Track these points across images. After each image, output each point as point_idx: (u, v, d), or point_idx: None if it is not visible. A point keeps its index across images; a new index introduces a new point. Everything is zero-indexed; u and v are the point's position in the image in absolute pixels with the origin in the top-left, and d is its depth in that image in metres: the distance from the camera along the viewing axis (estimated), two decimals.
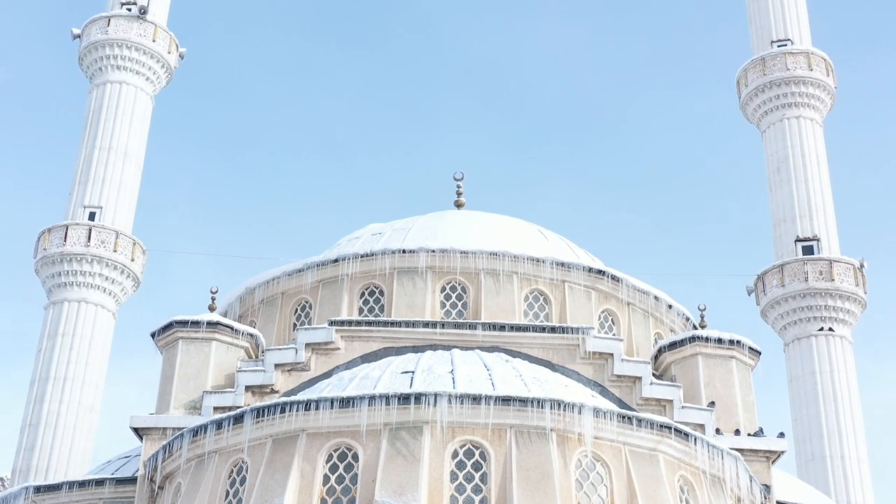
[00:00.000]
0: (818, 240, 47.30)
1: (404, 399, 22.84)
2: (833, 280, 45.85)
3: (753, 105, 50.94)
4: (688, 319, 33.25)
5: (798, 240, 47.45)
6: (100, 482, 28.09)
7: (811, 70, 50.11)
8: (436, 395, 22.74)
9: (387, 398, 22.88)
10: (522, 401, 22.86)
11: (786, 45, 51.21)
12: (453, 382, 24.72)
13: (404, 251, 30.44)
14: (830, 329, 45.74)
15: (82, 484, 28.22)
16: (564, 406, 22.94)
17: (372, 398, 22.95)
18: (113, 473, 29.44)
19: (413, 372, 25.63)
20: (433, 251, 30.34)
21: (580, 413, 22.97)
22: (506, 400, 22.84)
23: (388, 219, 35.01)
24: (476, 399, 22.77)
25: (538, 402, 22.88)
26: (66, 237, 45.48)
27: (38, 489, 28.54)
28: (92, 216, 46.47)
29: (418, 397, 22.78)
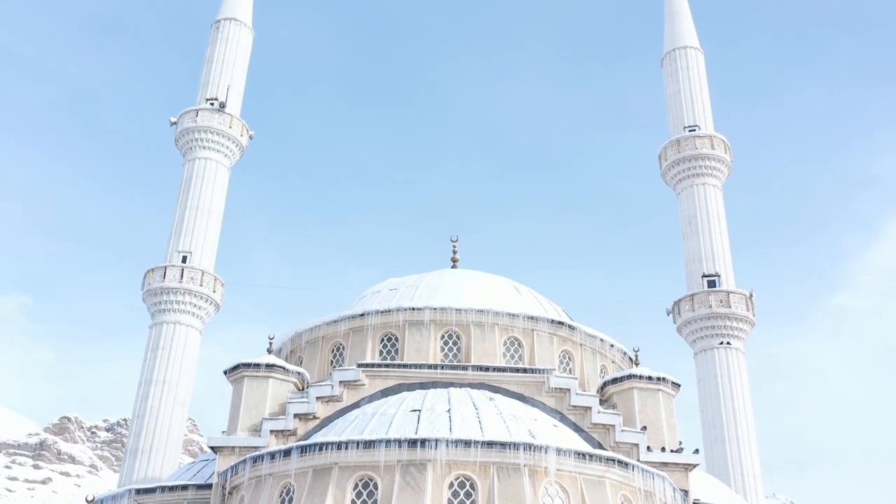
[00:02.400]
0: (719, 276, 45.97)
1: (412, 443, 21.55)
2: (730, 307, 44.58)
3: (670, 174, 49.54)
4: (625, 354, 31.85)
5: (704, 276, 46.07)
6: (185, 487, 26.75)
7: (713, 149, 48.74)
8: (436, 440, 21.49)
9: (399, 442, 21.61)
10: (503, 444, 21.58)
11: (695, 129, 49.83)
12: (450, 422, 23.35)
13: (413, 308, 29.08)
14: (728, 343, 44.46)
15: (171, 488, 26.88)
16: (534, 448, 21.67)
17: (388, 441, 21.66)
18: (193, 477, 28.00)
19: (420, 410, 24.27)
20: (435, 308, 28.99)
21: (546, 452, 21.70)
22: (490, 444, 21.56)
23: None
24: (467, 443, 21.51)
25: (514, 445, 21.58)
26: (165, 275, 44.23)
27: (138, 491, 27.16)
28: (184, 259, 45.17)
29: (423, 442, 21.51)
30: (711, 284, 45.80)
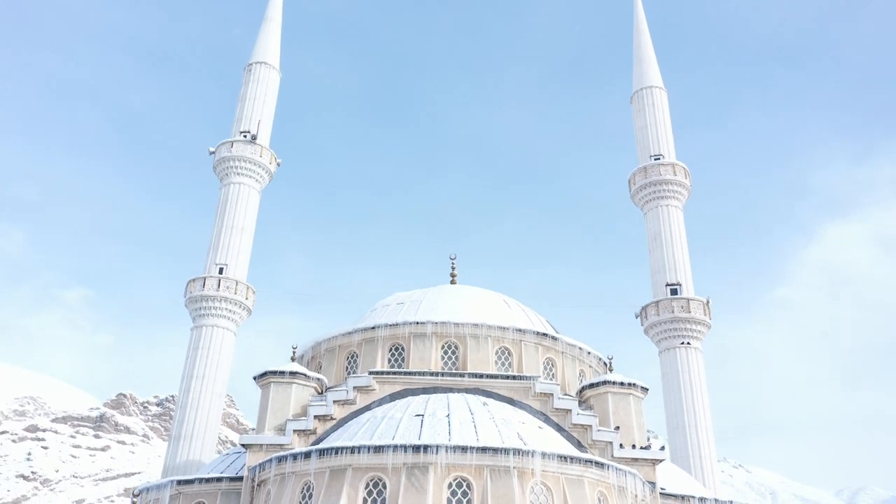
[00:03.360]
0: (680, 285, 45.33)
1: (416, 448, 20.98)
2: (690, 312, 43.96)
3: (638, 197, 48.91)
4: (600, 359, 31.26)
5: (667, 285, 45.44)
6: (219, 479, 26.13)
7: (675, 175, 48.10)
8: (437, 446, 20.91)
9: (405, 447, 21.03)
10: (495, 449, 21.02)
11: (659, 158, 49.16)
12: (449, 426, 22.80)
13: (417, 322, 28.46)
14: (688, 343, 43.83)
15: (208, 480, 26.27)
16: (522, 452, 21.10)
17: (395, 447, 21.08)
18: (226, 469, 27.33)
19: (423, 415, 23.70)
20: (436, 322, 28.38)
21: (532, 456, 21.15)
22: (483, 449, 21.00)
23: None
24: (464, 448, 20.95)
25: (505, 450, 21.02)
26: (204, 285, 43.60)
27: (179, 482, 26.56)
28: (221, 270, 44.51)
29: (426, 448, 20.93)
30: (674, 292, 45.17)
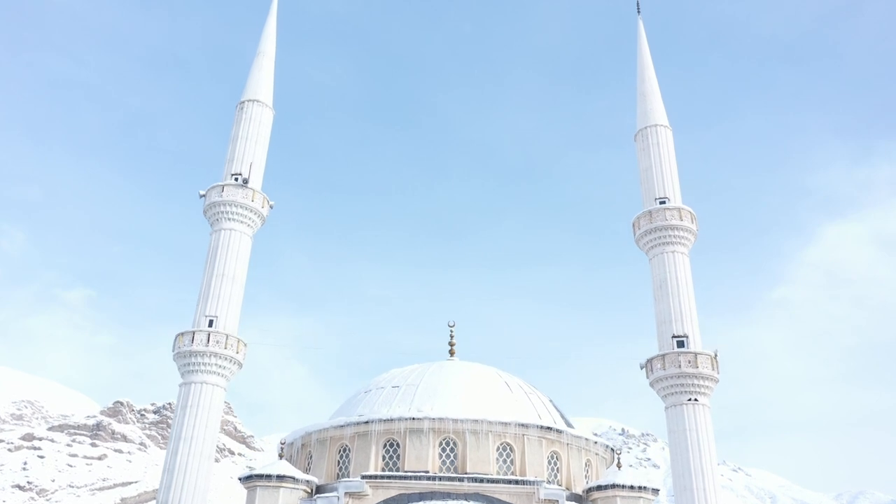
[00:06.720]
0: (687, 337, 43.48)
1: None
2: (697, 367, 42.04)
3: (643, 241, 47.00)
4: (607, 446, 29.51)
5: (673, 336, 43.60)
6: None
7: (681, 220, 46.18)
8: None
9: None
10: None
11: (665, 202, 47.20)
12: None
13: (414, 418, 26.69)
14: (695, 399, 41.97)
15: None
16: None
17: None
18: None
19: None
20: (433, 419, 26.62)
21: None
22: None
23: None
24: None
25: None
26: (193, 339, 41.67)
27: None
28: (210, 323, 42.60)
29: None
30: (680, 344, 43.36)
